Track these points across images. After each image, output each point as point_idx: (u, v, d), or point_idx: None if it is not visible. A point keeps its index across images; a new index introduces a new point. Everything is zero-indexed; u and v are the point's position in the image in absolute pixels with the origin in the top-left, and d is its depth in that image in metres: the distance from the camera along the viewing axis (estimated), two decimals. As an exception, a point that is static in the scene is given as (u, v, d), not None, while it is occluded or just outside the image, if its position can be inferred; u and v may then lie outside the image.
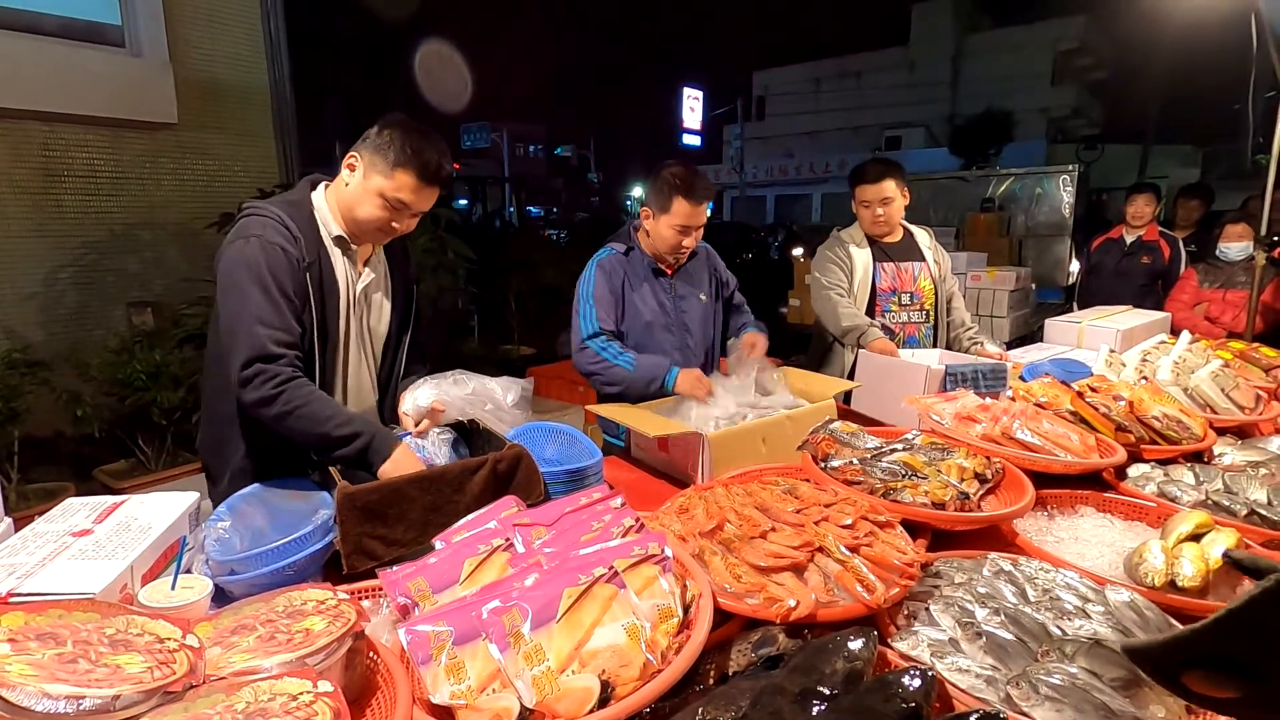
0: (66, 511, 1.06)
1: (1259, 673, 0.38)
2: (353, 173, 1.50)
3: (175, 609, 0.86)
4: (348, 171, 1.51)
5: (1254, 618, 0.37)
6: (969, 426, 1.66)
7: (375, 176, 1.46)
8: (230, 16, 4.63)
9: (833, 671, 0.76)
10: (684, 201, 2.06)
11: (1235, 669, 0.39)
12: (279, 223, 1.45)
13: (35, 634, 0.66)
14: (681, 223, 2.09)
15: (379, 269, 1.65)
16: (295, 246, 1.44)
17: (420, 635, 0.78)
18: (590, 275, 2.16)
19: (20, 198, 3.91)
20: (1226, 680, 0.39)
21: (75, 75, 3.88)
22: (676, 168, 2.11)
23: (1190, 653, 0.39)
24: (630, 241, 2.22)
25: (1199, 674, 0.40)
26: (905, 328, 2.70)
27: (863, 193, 2.66)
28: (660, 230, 2.13)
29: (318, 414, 1.34)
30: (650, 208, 2.14)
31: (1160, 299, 4.10)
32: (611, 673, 0.77)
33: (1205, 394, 1.96)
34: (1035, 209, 8.56)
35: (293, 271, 1.43)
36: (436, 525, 1.15)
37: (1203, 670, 0.40)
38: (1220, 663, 0.39)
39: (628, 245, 2.21)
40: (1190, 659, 0.39)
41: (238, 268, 1.41)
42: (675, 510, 1.23)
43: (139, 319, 4.27)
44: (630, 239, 2.23)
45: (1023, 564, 1.08)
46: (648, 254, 2.21)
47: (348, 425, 1.34)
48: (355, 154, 1.49)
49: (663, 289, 2.22)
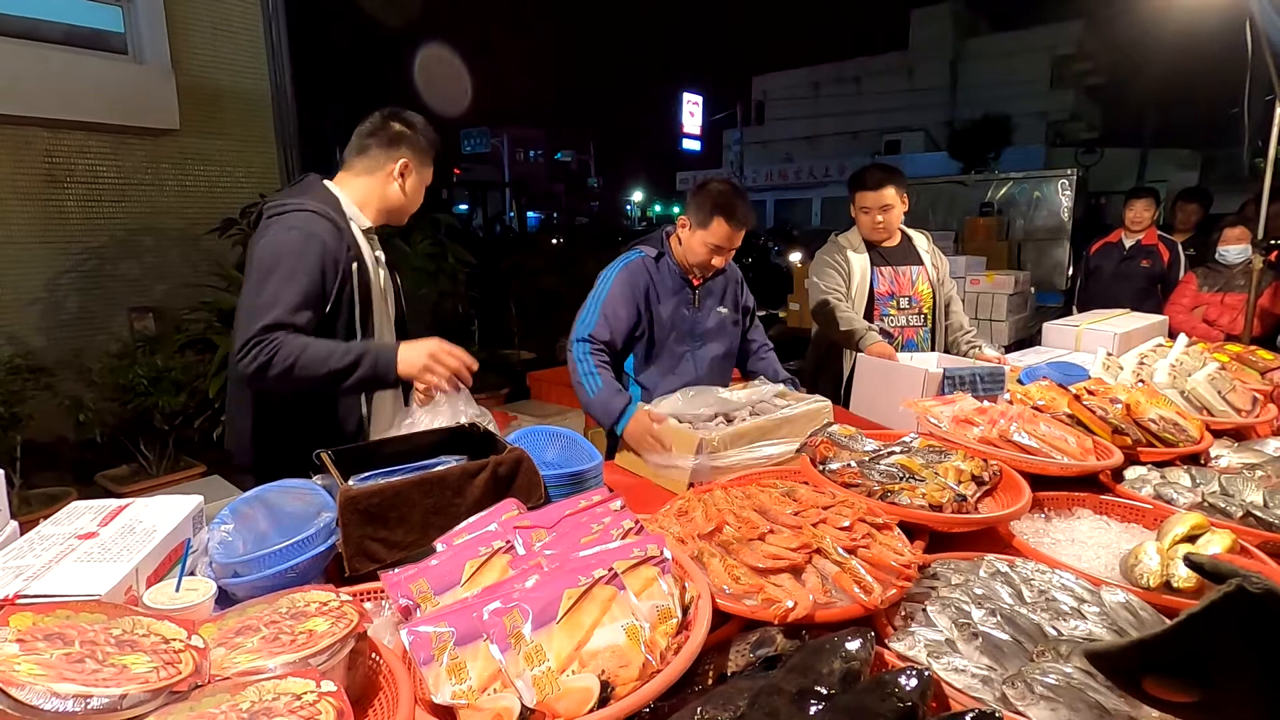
0: (72, 514, 1.07)
1: (1214, 678, 0.39)
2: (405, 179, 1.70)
3: (180, 610, 0.87)
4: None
5: (1212, 623, 0.37)
6: (967, 429, 1.66)
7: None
8: (232, 23, 4.67)
9: (830, 672, 0.77)
10: (724, 223, 2.02)
11: (1192, 674, 0.39)
12: (323, 216, 1.53)
13: (43, 634, 0.67)
14: (717, 243, 2.05)
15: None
16: (338, 239, 1.52)
17: (422, 636, 0.79)
18: (610, 278, 2.13)
19: (23, 204, 3.93)
20: (1184, 685, 0.40)
21: (78, 82, 3.90)
22: (723, 185, 2.07)
23: (1150, 657, 0.39)
24: (662, 247, 2.19)
25: (1157, 678, 0.40)
26: (903, 331, 2.71)
27: (863, 199, 2.67)
28: (694, 244, 2.09)
29: (317, 355, 1.41)
30: (689, 219, 2.09)
31: (1159, 302, 4.11)
32: (611, 673, 0.78)
33: (1202, 397, 1.97)
34: (1034, 213, 8.59)
35: (334, 262, 1.52)
36: (438, 528, 1.16)
37: (1161, 675, 0.40)
38: (1179, 667, 0.39)
39: (659, 251, 2.18)
40: (1150, 663, 0.40)
41: (266, 255, 1.49)
42: (674, 513, 1.24)
43: (141, 324, 4.29)
44: (663, 244, 2.19)
45: (1019, 565, 1.09)
46: (677, 262, 2.18)
47: (347, 353, 1.42)
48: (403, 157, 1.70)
49: (686, 299, 2.19)
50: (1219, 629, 0.37)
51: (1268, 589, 0.35)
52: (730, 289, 2.31)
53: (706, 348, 2.24)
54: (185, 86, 4.33)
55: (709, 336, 2.24)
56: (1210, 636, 0.37)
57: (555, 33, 69.85)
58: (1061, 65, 24.62)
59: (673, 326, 2.18)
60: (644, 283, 2.13)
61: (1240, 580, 0.36)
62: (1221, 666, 0.38)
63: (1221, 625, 0.36)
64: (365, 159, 1.70)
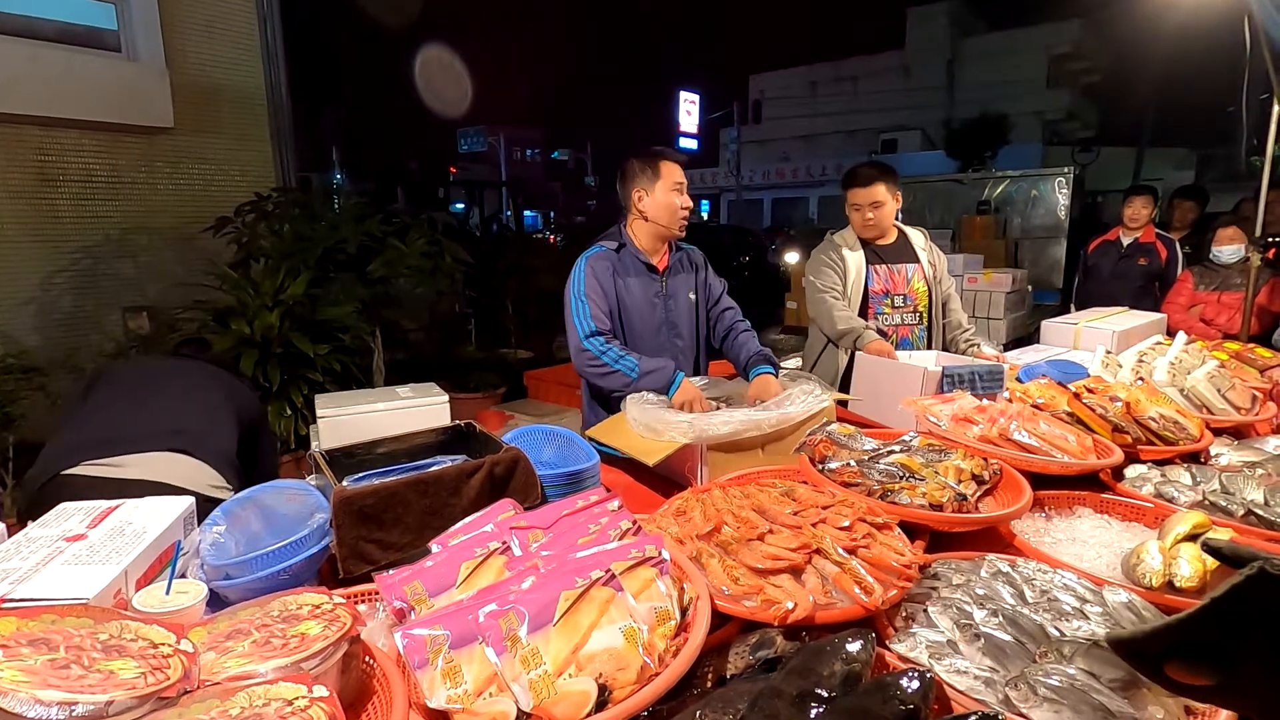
0: (60, 516, 1.05)
1: (1235, 659, 0.40)
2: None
3: (169, 614, 0.86)
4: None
5: (1234, 606, 0.38)
6: (966, 428, 1.66)
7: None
8: (227, 21, 4.64)
9: (831, 674, 0.76)
10: (668, 161, 2.15)
11: (1214, 657, 0.40)
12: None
13: (28, 639, 0.65)
14: (676, 179, 2.14)
15: None
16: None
17: (416, 639, 0.77)
18: (580, 272, 2.14)
19: (16, 202, 3.90)
20: (1205, 669, 0.41)
21: (72, 80, 3.88)
22: (637, 150, 2.21)
23: (1173, 641, 0.40)
24: (621, 238, 2.21)
25: (1179, 663, 0.41)
26: (898, 330, 2.70)
27: (854, 196, 2.67)
28: (659, 199, 2.14)
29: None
30: (640, 188, 2.16)
31: (1157, 300, 4.11)
32: (609, 676, 0.77)
33: (1201, 395, 1.96)
34: (1031, 211, 8.62)
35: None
36: (433, 529, 1.14)
37: (1183, 659, 0.41)
38: (1200, 651, 0.40)
39: (618, 242, 2.20)
40: (1172, 648, 0.40)
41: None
42: (673, 513, 1.23)
43: (135, 324, 4.26)
44: (621, 235, 2.21)
45: (1020, 565, 1.08)
46: (640, 250, 2.20)
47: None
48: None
49: (653, 288, 2.21)
50: (1241, 611, 0.38)
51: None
52: (697, 275, 2.33)
53: (684, 338, 2.26)
54: (180, 84, 4.31)
55: (683, 327, 2.27)
56: (1232, 619, 0.38)
57: (552, 31, 69.78)
58: (1058, 64, 24.69)
59: (645, 315, 2.18)
60: (609, 270, 2.15)
61: (1263, 563, 0.37)
62: (1242, 649, 0.39)
63: (1243, 608, 0.37)
64: None
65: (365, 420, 1.75)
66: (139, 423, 1.64)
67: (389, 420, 1.73)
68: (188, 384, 1.84)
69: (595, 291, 2.11)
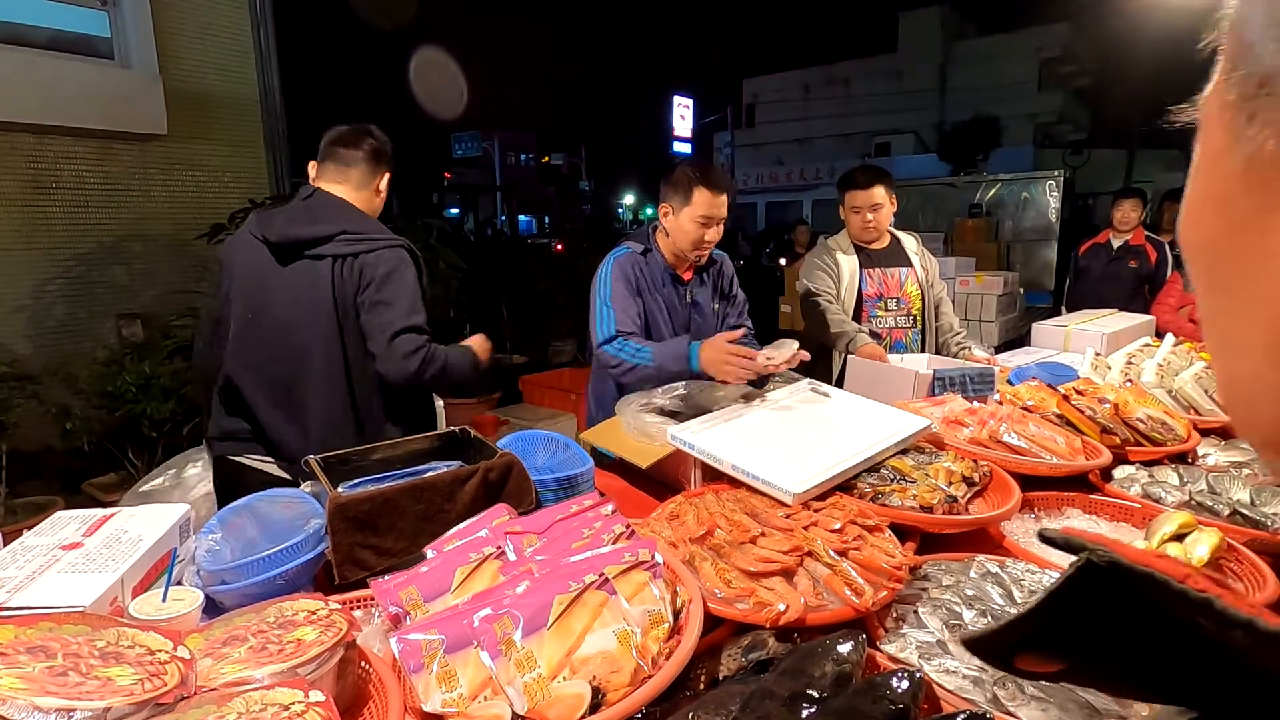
0: (56, 525, 1.05)
1: (1080, 647, 0.41)
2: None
3: (166, 621, 0.86)
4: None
5: (1069, 597, 0.39)
6: (957, 430, 1.67)
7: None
8: (220, 28, 4.64)
9: (822, 675, 0.77)
10: (705, 191, 2.05)
11: (1059, 645, 0.42)
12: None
13: (25, 647, 0.66)
14: (704, 213, 2.06)
15: None
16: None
17: (412, 644, 0.78)
18: (607, 274, 2.13)
19: (8, 210, 3.89)
20: (1053, 657, 0.42)
21: (64, 87, 3.87)
22: (693, 162, 2.12)
23: (1020, 634, 0.41)
24: (648, 243, 2.19)
25: (1029, 654, 0.43)
26: (891, 333, 2.72)
27: (852, 199, 2.69)
28: (682, 224, 2.09)
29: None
30: (670, 204, 2.12)
31: (1147, 302, 4.14)
32: (602, 679, 0.78)
33: (1189, 396, 1.98)
34: (1023, 214, 8.66)
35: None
36: (428, 534, 1.15)
37: (1032, 650, 0.42)
38: (1047, 641, 0.42)
39: (645, 246, 2.18)
40: (1021, 640, 0.42)
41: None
42: (666, 517, 1.24)
43: (129, 331, 4.25)
44: (649, 240, 2.20)
45: (1010, 566, 1.09)
46: (665, 257, 2.19)
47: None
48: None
49: (677, 296, 2.20)
50: (1076, 601, 0.39)
51: (1111, 560, 0.37)
52: (721, 284, 2.32)
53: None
54: (173, 91, 4.30)
55: (707, 334, 2.25)
56: (1070, 609, 0.40)
57: (546, 36, 69.91)
58: (1049, 67, 24.82)
59: (666, 322, 2.18)
60: (634, 275, 2.14)
61: (1089, 554, 0.38)
62: (1082, 636, 0.41)
63: (1077, 598, 0.39)
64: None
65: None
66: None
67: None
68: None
69: (622, 297, 2.09)
